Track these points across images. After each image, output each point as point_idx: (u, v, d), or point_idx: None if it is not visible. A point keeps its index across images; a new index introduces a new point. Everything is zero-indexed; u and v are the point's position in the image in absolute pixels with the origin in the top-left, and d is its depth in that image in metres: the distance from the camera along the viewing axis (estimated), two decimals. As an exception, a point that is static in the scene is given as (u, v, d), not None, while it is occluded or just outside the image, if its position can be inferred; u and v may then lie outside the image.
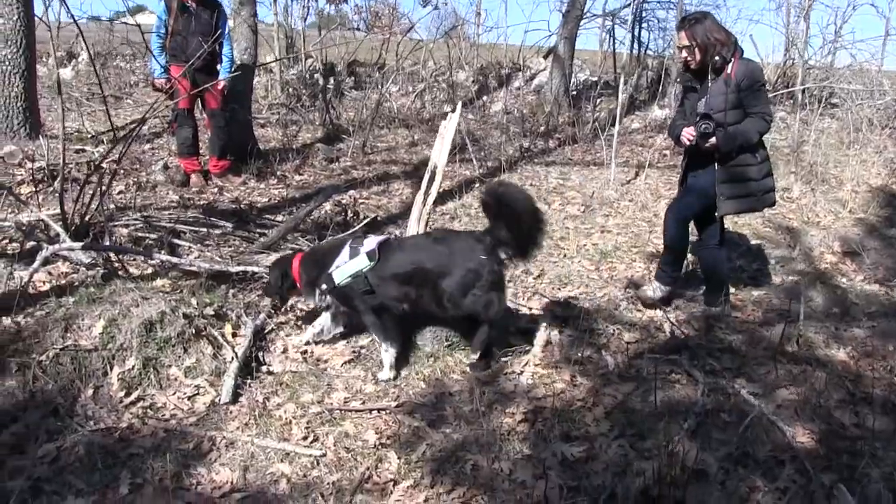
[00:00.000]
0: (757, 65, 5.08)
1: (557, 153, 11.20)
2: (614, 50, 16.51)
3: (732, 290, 5.77)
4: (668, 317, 5.27)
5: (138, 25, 7.36)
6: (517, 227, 4.45)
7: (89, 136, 9.63)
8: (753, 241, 7.19)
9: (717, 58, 4.94)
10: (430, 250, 4.59)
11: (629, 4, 15.97)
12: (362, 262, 4.54)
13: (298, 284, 4.83)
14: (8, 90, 8.64)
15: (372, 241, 4.63)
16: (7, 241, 5.98)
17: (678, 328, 5.10)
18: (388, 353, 4.59)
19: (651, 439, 3.85)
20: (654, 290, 5.55)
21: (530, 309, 5.50)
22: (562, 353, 4.84)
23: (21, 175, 7.53)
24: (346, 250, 4.63)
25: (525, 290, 5.88)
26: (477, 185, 9.02)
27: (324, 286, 4.66)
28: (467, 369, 4.64)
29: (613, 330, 5.17)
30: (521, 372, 4.63)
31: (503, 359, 4.79)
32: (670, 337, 5.05)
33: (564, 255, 6.77)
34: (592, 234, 7.39)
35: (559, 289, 5.97)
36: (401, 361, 4.67)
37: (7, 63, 8.62)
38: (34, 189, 6.31)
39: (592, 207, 8.22)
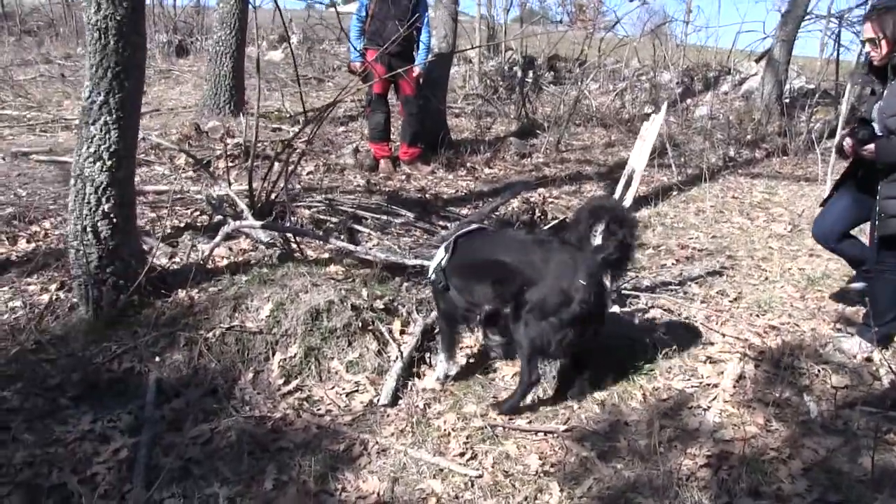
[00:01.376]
0: None
1: (764, 165, 10.34)
2: (838, 55, 15.15)
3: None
4: (886, 362, 4.58)
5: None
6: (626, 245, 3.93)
7: (288, 116, 9.81)
8: None
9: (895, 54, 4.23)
10: (523, 248, 4.00)
11: (861, 4, 14.52)
12: (440, 256, 4.17)
13: None
14: (218, 69, 9.09)
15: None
16: (198, 213, 6.10)
17: (899, 377, 4.40)
18: (441, 364, 4.26)
19: (861, 512, 3.29)
20: (854, 345, 4.81)
21: (723, 335, 4.95)
22: (756, 391, 4.29)
23: (220, 150, 7.72)
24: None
25: (719, 312, 5.32)
26: (675, 192, 8.44)
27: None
28: (648, 396, 4.21)
29: (818, 371, 4.54)
30: (708, 408, 4.13)
31: (688, 390, 4.31)
32: (889, 388, 4.36)
33: (766, 279, 6.11)
34: (799, 256, 6.66)
35: (758, 315, 5.36)
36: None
37: (221, 44, 9.08)
38: (227, 164, 6.39)
39: (800, 227, 7.44)
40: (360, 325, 4.35)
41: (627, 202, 4.97)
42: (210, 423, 3.67)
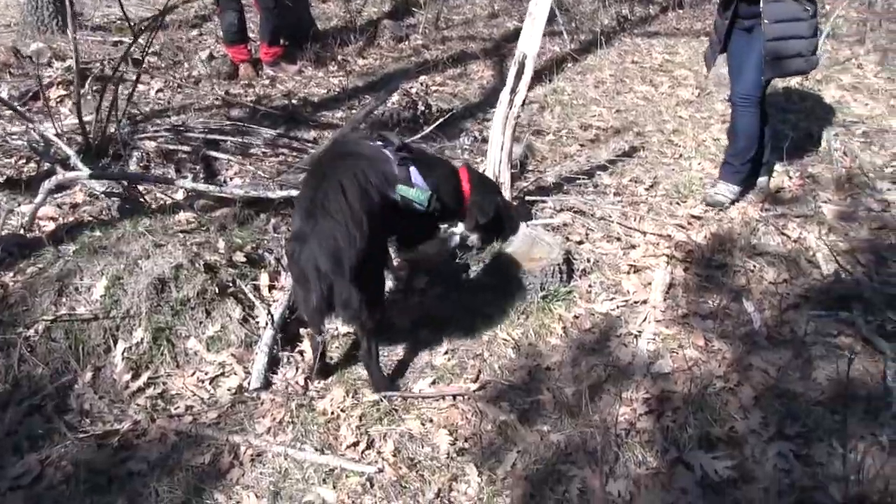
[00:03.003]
0: None
1: (661, 21, 9.61)
2: None
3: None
4: (823, 244, 4.09)
5: None
6: None
7: (131, 25, 8.54)
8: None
9: None
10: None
11: None
12: None
13: None
14: (35, -25, 7.61)
15: None
16: (25, 161, 5.08)
17: (840, 266, 3.90)
18: None
19: (824, 443, 2.83)
20: (720, 193, 4.74)
21: (644, 234, 4.38)
22: (689, 303, 3.77)
23: (49, 77, 6.57)
24: None
25: (635, 206, 4.73)
26: (569, 63, 7.70)
27: None
28: (569, 328, 3.63)
29: (753, 266, 4.03)
30: (640, 332, 3.58)
31: (614, 313, 3.74)
32: (831, 277, 3.87)
33: (680, 156, 5.52)
34: (711, 125, 6.08)
35: (678, 203, 4.81)
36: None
37: (33, -57, 7.56)
38: (46, 97, 5.35)
39: (708, 90, 6.84)
40: (218, 288, 3.59)
41: (520, 95, 4.20)
42: (38, 453, 2.91)
